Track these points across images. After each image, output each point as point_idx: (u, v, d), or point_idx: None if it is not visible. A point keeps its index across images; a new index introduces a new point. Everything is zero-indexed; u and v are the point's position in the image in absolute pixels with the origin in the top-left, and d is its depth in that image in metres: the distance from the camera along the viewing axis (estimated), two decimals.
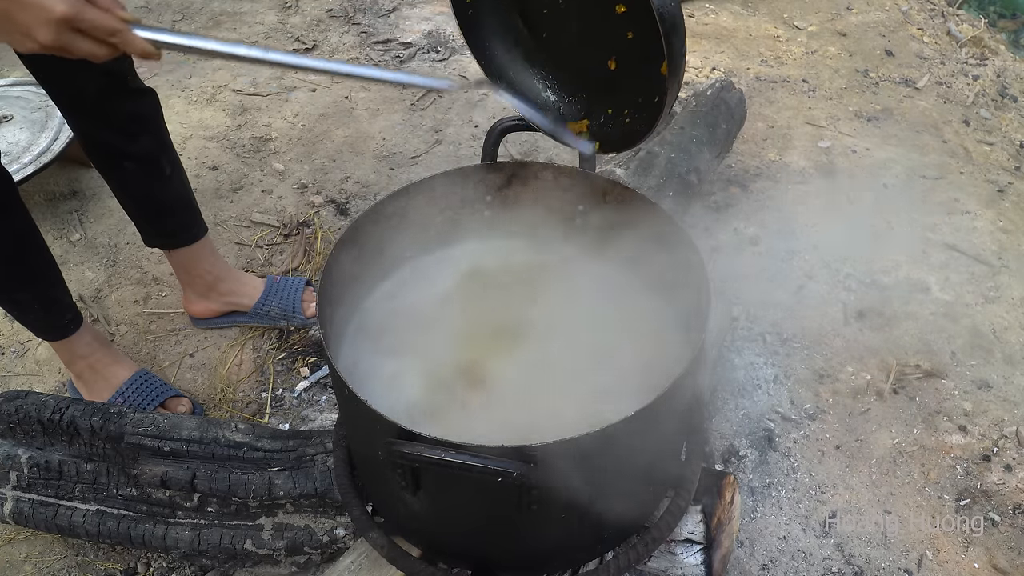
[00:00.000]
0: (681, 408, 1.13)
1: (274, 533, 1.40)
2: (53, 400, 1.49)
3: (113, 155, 1.64)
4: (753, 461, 1.70)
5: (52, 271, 1.60)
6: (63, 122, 2.29)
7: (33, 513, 1.46)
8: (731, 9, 3.44)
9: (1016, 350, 1.97)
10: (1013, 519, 1.62)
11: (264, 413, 1.80)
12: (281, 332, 1.97)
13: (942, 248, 2.26)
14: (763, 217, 2.33)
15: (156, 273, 2.15)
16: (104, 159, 1.66)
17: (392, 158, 2.56)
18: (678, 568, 1.31)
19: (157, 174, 1.68)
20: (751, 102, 2.70)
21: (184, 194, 1.77)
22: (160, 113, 1.65)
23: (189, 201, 1.79)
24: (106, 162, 1.67)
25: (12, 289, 1.55)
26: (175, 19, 3.27)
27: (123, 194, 1.73)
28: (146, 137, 1.63)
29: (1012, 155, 2.67)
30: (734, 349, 1.93)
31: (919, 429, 1.78)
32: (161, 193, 1.72)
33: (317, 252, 2.21)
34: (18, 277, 1.54)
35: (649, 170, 2.04)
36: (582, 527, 1.15)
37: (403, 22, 3.28)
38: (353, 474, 1.31)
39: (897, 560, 1.54)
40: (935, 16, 3.44)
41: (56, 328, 1.65)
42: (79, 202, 2.36)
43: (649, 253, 1.34)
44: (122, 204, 1.77)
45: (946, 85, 3.00)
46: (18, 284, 1.55)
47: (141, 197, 1.73)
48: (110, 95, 1.53)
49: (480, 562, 1.19)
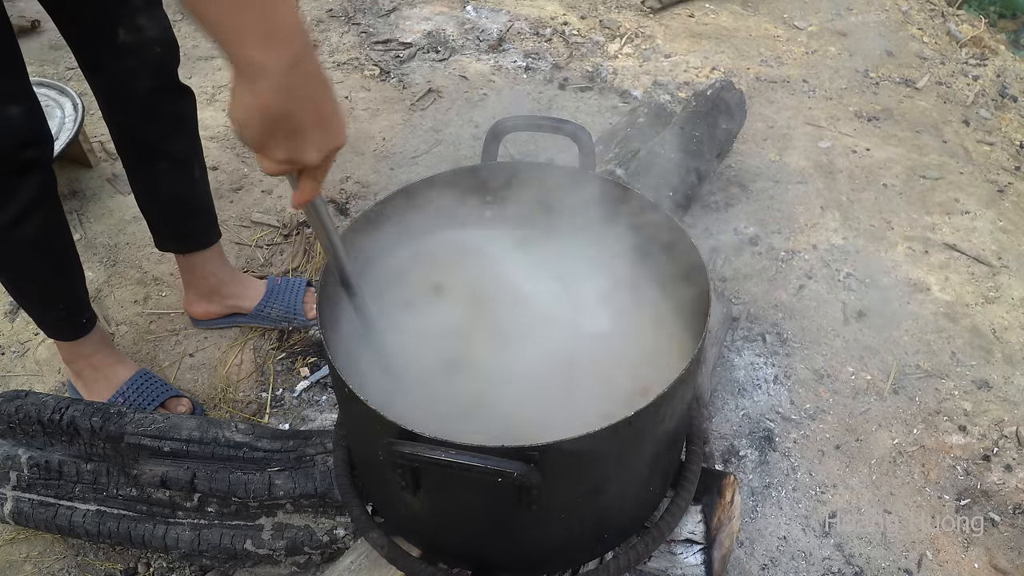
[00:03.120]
0: (681, 408, 1.13)
1: (274, 533, 1.40)
2: (53, 400, 1.49)
3: (149, 154, 1.64)
4: (753, 461, 1.70)
5: (77, 268, 1.61)
6: (63, 122, 2.30)
7: (33, 513, 1.46)
8: (731, 9, 3.44)
9: (1016, 350, 1.97)
10: (1013, 519, 1.62)
11: (264, 413, 1.80)
12: (281, 332, 1.97)
13: (942, 248, 2.26)
14: (763, 217, 2.33)
15: (156, 273, 2.15)
16: (138, 158, 1.66)
17: (392, 158, 2.56)
18: (678, 568, 1.31)
19: (187, 176, 1.68)
20: (751, 102, 2.70)
21: (207, 199, 1.78)
22: (195, 114, 1.65)
23: (210, 206, 1.80)
24: (139, 161, 1.67)
25: (45, 289, 1.56)
26: (175, 18, 3.24)
27: (150, 196, 1.73)
28: (183, 138, 1.63)
29: (1012, 155, 2.67)
30: (734, 349, 1.93)
31: (919, 429, 1.78)
32: (188, 195, 1.72)
33: (317, 252, 2.21)
34: (54, 276, 1.55)
35: (649, 170, 2.04)
36: (582, 527, 1.15)
37: (403, 22, 3.28)
38: (353, 474, 1.31)
39: (897, 560, 1.54)
40: (935, 16, 3.44)
41: (75, 327, 1.66)
42: (79, 202, 2.36)
43: (649, 253, 1.34)
44: (143, 207, 1.76)
45: (946, 85, 3.00)
46: (52, 283, 1.56)
47: (168, 199, 1.72)
48: (158, 92, 1.54)
49: (480, 562, 1.19)
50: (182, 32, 3.14)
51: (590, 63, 3.05)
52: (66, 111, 2.33)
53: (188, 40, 3.12)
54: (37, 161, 1.39)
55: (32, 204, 1.41)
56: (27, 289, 1.57)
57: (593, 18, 3.34)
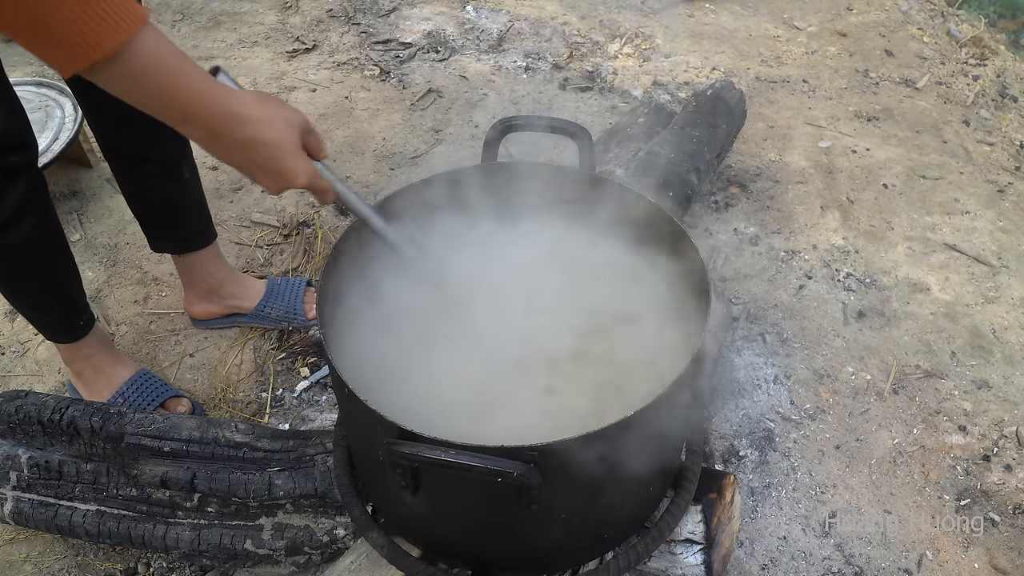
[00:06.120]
0: (681, 408, 1.13)
1: (274, 533, 1.40)
2: (53, 400, 1.49)
3: (134, 158, 1.62)
4: (753, 461, 1.70)
5: (74, 272, 1.60)
6: (63, 122, 2.29)
7: (33, 513, 1.46)
8: (731, 9, 3.44)
9: (1016, 350, 1.97)
10: (1013, 519, 1.62)
11: (264, 413, 1.80)
12: (281, 332, 1.97)
13: (942, 248, 2.26)
14: (763, 217, 2.33)
15: (156, 273, 2.15)
16: (124, 162, 1.65)
17: (392, 158, 2.56)
18: (678, 568, 1.31)
19: (176, 178, 1.67)
20: (751, 102, 2.70)
21: (200, 199, 1.77)
22: None
23: (203, 206, 1.79)
24: (125, 165, 1.66)
25: (37, 293, 1.55)
26: (175, 19, 3.27)
27: (139, 198, 1.72)
28: (168, 140, 1.61)
29: (1012, 155, 2.67)
30: (734, 349, 1.93)
31: (919, 429, 1.78)
32: (178, 197, 1.71)
33: (317, 252, 2.21)
34: (46, 280, 1.54)
35: (649, 170, 2.04)
36: (582, 527, 1.15)
37: (403, 22, 3.28)
38: (353, 474, 1.31)
39: (897, 560, 1.54)
40: (935, 16, 3.45)
41: (72, 330, 1.65)
42: (79, 202, 2.36)
43: (649, 253, 1.34)
44: (135, 209, 1.75)
45: (946, 85, 3.00)
46: (44, 287, 1.55)
47: (158, 201, 1.71)
48: None
49: (480, 562, 1.19)
50: (181, 33, 3.16)
51: (590, 63, 3.05)
52: (66, 111, 2.33)
53: (187, 40, 3.12)
54: (20, 166, 1.37)
55: (18, 210, 1.38)
56: (19, 294, 1.55)
57: (593, 18, 3.34)
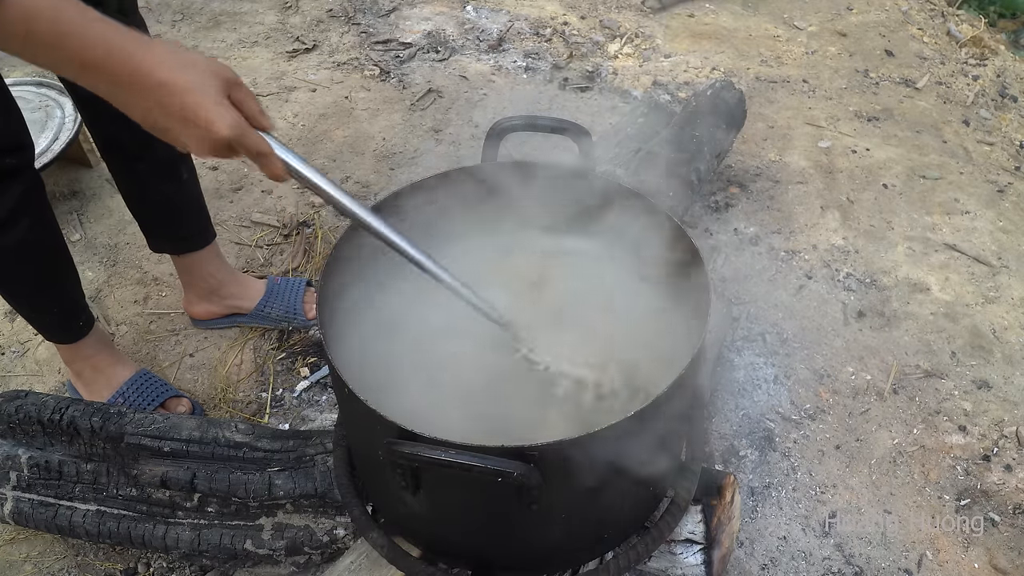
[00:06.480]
0: (681, 408, 1.13)
1: (274, 533, 1.40)
2: (53, 400, 1.49)
3: (131, 158, 1.63)
4: (753, 461, 1.70)
5: (72, 273, 1.60)
6: (63, 122, 2.29)
7: (33, 513, 1.46)
8: (731, 9, 3.44)
9: (1016, 350, 1.97)
10: (1013, 519, 1.62)
11: (264, 413, 1.80)
12: (281, 332, 1.97)
13: (942, 248, 2.26)
14: (763, 217, 2.33)
15: (156, 273, 2.15)
16: (121, 161, 1.65)
17: (392, 158, 2.56)
18: (678, 568, 1.31)
19: (174, 178, 1.67)
20: (751, 102, 2.70)
21: (198, 199, 1.77)
22: None
23: (202, 206, 1.79)
24: (123, 165, 1.66)
25: (33, 294, 1.55)
26: (175, 19, 3.27)
27: (137, 198, 1.72)
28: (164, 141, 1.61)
29: (1012, 155, 2.67)
30: (734, 349, 1.93)
31: (919, 429, 1.78)
32: (177, 197, 1.71)
33: (317, 252, 2.21)
34: (43, 281, 1.54)
35: (649, 170, 2.04)
36: (582, 527, 1.15)
37: (403, 22, 3.28)
38: (353, 474, 1.31)
39: (897, 560, 1.54)
40: (935, 16, 3.45)
41: (71, 331, 1.65)
42: (79, 202, 2.36)
43: (649, 253, 1.34)
44: (133, 209, 1.75)
45: (946, 85, 3.00)
46: (40, 288, 1.54)
47: (156, 201, 1.71)
48: None
49: (480, 562, 1.19)
50: (181, 33, 3.16)
51: (590, 63, 3.05)
52: (66, 111, 2.33)
53: (188, 40, 3.12)
54: (16, 168, 1.37)
55: (13, 212, 1.38)
56: (18, 295, 1.55)
57: (593, 18, 3.34)
